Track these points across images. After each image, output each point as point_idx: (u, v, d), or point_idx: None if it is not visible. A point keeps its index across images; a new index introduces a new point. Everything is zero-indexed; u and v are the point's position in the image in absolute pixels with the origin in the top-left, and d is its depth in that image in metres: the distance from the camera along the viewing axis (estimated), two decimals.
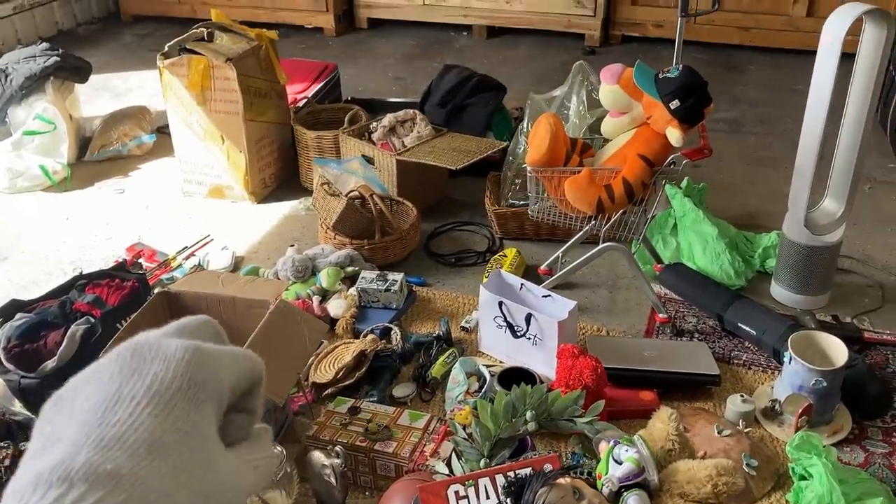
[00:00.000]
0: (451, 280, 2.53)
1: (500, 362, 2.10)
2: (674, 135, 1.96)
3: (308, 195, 2.97)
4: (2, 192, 3.11)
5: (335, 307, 2.27)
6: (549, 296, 2.05)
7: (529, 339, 1.99)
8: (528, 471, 1.27)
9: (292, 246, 2.54)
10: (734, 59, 4.25)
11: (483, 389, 1.92)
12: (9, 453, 1.66)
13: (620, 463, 1.20)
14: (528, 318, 1.97)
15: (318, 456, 1.63)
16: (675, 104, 1.95)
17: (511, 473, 1.28)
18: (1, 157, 3.11)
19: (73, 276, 2.01)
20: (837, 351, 1.83)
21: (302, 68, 3.48)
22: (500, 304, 2.02)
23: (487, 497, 1.29)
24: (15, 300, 1.93)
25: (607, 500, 1.16)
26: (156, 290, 1.97)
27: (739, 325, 2.12)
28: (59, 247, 2.79)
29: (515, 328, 2.02)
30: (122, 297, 1.89)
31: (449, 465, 1.42)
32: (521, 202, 2.65)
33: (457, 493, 1.30)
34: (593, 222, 2.19)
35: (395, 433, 1.73)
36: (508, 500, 1.13)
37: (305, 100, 3.25)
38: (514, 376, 1.86)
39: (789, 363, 1.81)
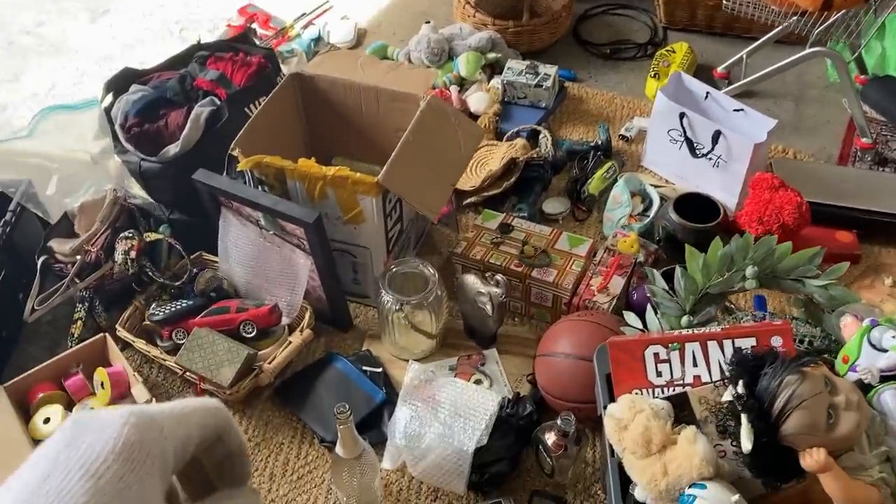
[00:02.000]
0: (604, 76, 2.18)
1: (666, 182, 1.83)
2: None
3: None
4: None
5: (476, 101, 1.99)
6: (742, 110, 1.71)
7: (711, 160, 1.69)
8: (751, 343, 1.06)
9: (427, 23, 2.19)
10: None
11: (651, 214, 1.67)
12: (135, 244, 1.52)
13: (883, 350, 0.97)
14: (717, 136, 1.65)
15: (472, 280, 1.44)
16: None
17: (729, 342, 1.06)
18: None
19: (191, 45, 1.75)
20: None
21: None
22: (682, 115, 1.70)
23: (695, 365, 1.10)
24: (129, 68, 1.70)
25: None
26: (285, 71, 1.71)
27: None
28: (164, 2, 2.51)
29: (696, 145, 1.71)
30: (249, 76, 1.64)
31: (643, 317, 1.21)
32: None
33: (656, 355, 1.11)
34: (797, 18, 1.77)
35: (554, 259, 1.52)
36: (740, 385, 0.93)
37: None
38: (693, 204, 1.59)
39: None
